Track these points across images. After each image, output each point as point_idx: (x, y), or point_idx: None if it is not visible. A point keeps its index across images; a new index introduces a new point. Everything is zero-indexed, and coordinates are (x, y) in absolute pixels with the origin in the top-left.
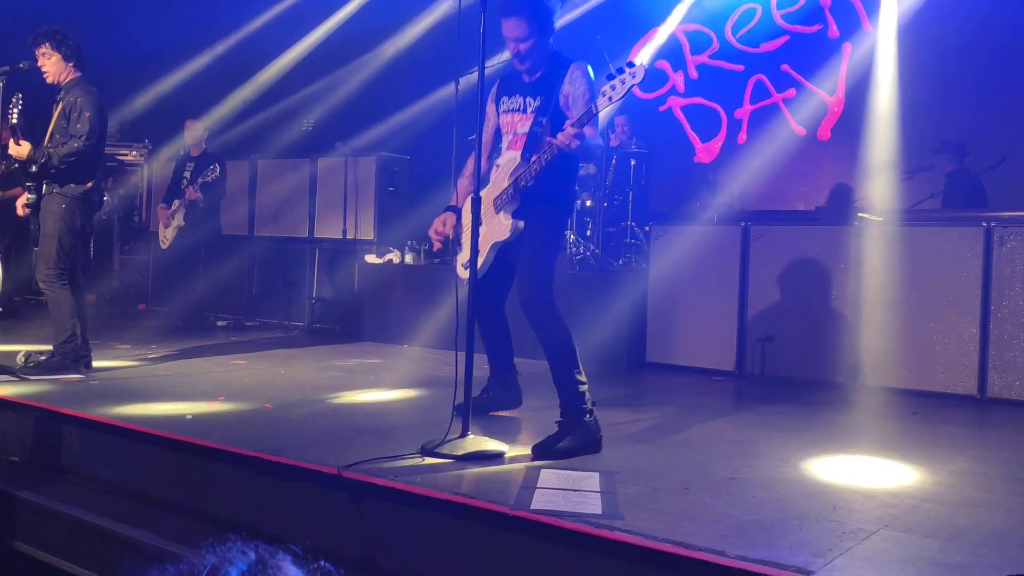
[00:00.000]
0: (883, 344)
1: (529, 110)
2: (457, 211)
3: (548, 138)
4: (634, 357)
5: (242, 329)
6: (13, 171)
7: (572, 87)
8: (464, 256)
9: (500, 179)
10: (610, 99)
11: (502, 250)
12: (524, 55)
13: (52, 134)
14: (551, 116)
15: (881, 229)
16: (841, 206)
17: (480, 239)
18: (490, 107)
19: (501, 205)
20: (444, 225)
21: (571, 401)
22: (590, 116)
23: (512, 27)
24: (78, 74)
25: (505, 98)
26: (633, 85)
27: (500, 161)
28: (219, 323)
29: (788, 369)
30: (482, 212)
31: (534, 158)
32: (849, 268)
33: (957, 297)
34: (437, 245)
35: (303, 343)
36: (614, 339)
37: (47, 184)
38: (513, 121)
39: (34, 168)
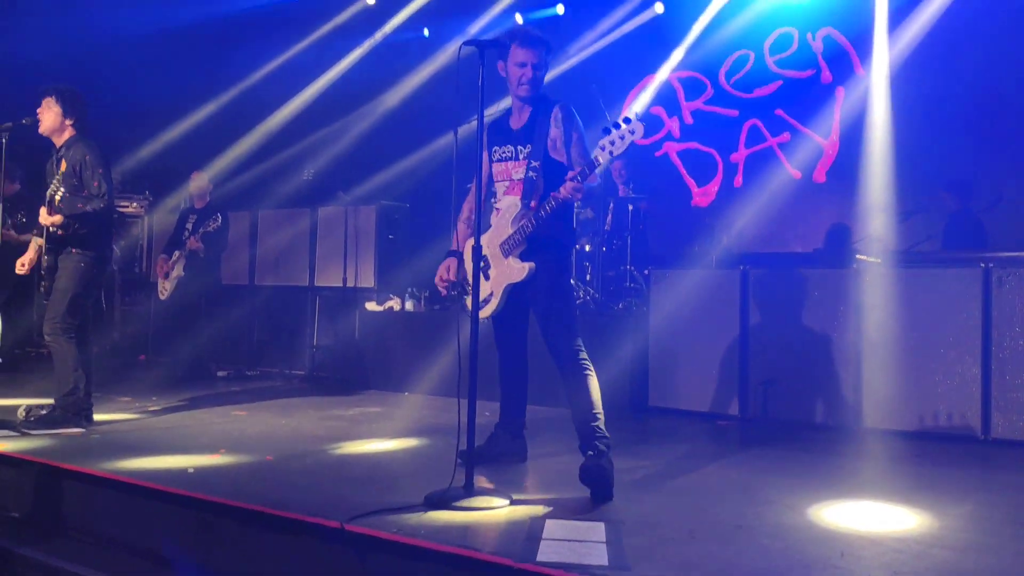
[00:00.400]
0: (885, 386)
1: (521, 156)
2: (459, 255)
3: (553, 193)
4: (636, 401)
5: (243, 379)
6: (20, 225)
7: (558, 129)
8: (483, 299)
9: (503, 225)
10: (611, 154)
11: (515, 290)
12: (531, 83)
13: (62, 192)
14: (542, 160)
15: (879, 271)
16: (839, 248)
17: (492, 282)
18: (484, 155)
19: (509, 250)
20: (448, 271)
21: (594, 441)
22: (592, 169)
23: (531, 55)
24: (75, 132)
25: (496, 147)
26: (633, 141)
27: (500, 206)
28: (220, 373)
29: (790, 412)
30: (489, 256)
31: (537, 206)
32: (849, 310)
33: (957, 338)
34: (443, 291)
35: (304, 392)
36: (616, 383)
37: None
38: (507, 169)
39: (60, 232)
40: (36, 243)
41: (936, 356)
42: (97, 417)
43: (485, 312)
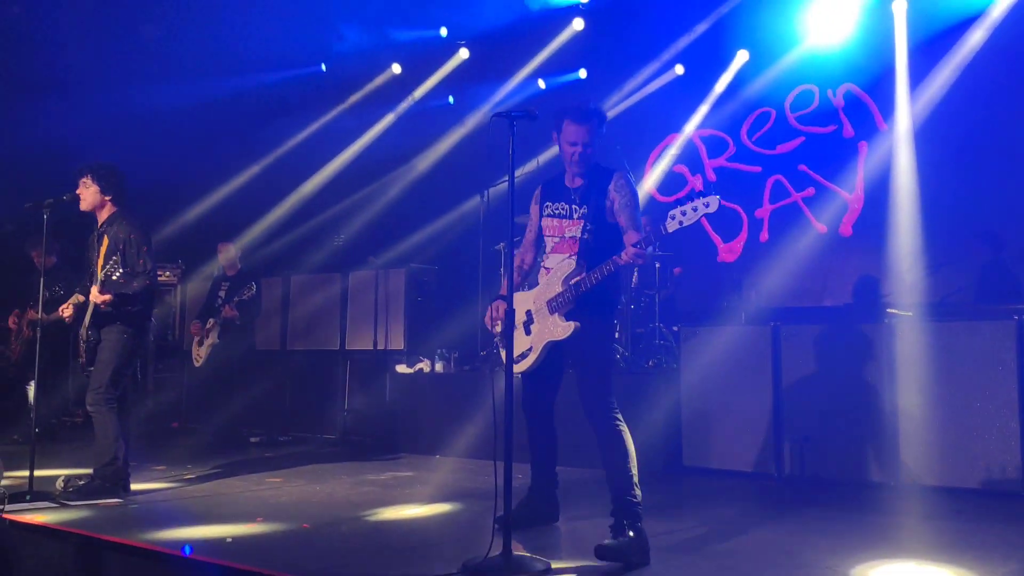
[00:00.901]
0: (921, 441)
1: (576, 216)
2: (507, 300)
3: (614, 257)
4: (670, 461)
5: (276, 444)
6: (57, 297)
7: (618, 195)
8: (517, 351)
9: (553, 282)
10: (680, 223)
11: (554, 348)
12: (581, 160)
13: (108, 270)
14: (597, 223)
15: (911, 324)
16: (869, 302)
17: (533, 337)
18: (534, 209)
19: (556, 307)
20: (497, 311)
21: (626, 506)
22: (658, 237)
23: (583, 133)
24: (116, 208)
25: (549, 203)
26: (705, 214)
27: (549, 264)
28: (252, 439)
29: (826, 470)
30: (534, 311)
31: (594, 268)
32: (882, 364)
33: (994, 391)
34: (494, 329)
35: (337, 457)
36: (649, 442)
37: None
38: (561, 225)
39: (109, 308)
40: (77, 299)
41: (973, 409)
42: (134, 486)
43: (521, 367)
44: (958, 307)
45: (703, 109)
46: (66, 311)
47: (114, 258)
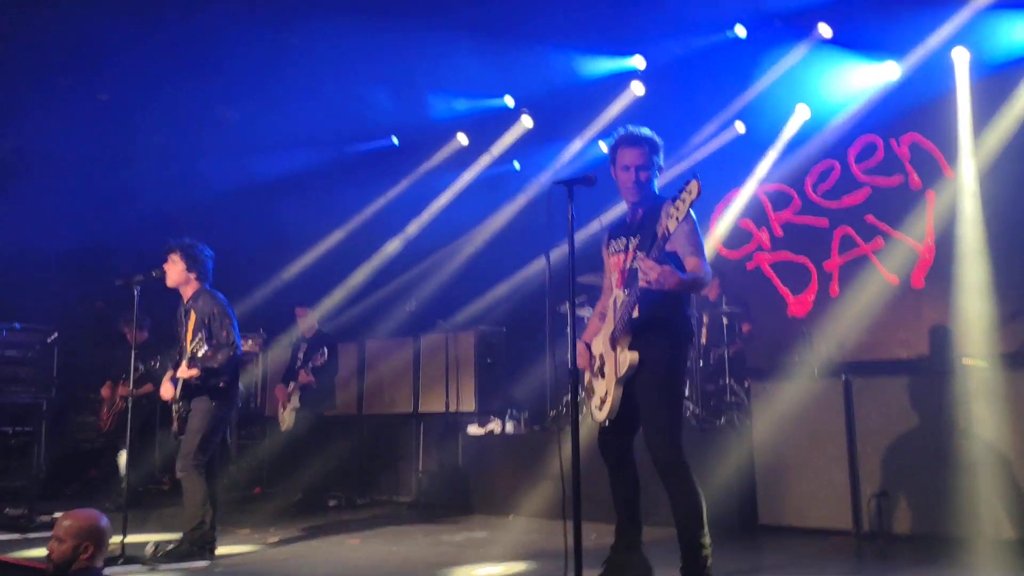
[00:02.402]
0: (1002, 493)
1: (630, 247)
2: (586, 345)
3: (642, 280)
4: (745, 519)
5: (353, 507)
6: (152, 371)
7: (670, 220)
8: (595, 400)
9: (612, 317)
10: (677, 219)
11: (626, 389)
12: (639, 184)
13: (193, 344)
14: (649, 251)
15: (987, 375)
16: (943, 352)
17: (607, 380)
18: (604, 252)
19: (615, 341)
20: (580, 354)
21: (694, 565)
22: (665, 240)
23: (636, 155)
24: (200, 284)
25: (613, 241)
26: (693, 200)
27: (613, 301)
28: (331, 502)
29: (906, 525)
30: (604, 354)
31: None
32: (957, 415)
33: None
34: (585, 366)
35: (412, 519)
36: (723, 501)
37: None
38: (619, 261)
39: (196, 382)
40: (171, 374)
41: None
42: (220, 551)
43: (602, 414)
44: None
45: (765, 164)
46: (166, 392)
47: (200, 334)
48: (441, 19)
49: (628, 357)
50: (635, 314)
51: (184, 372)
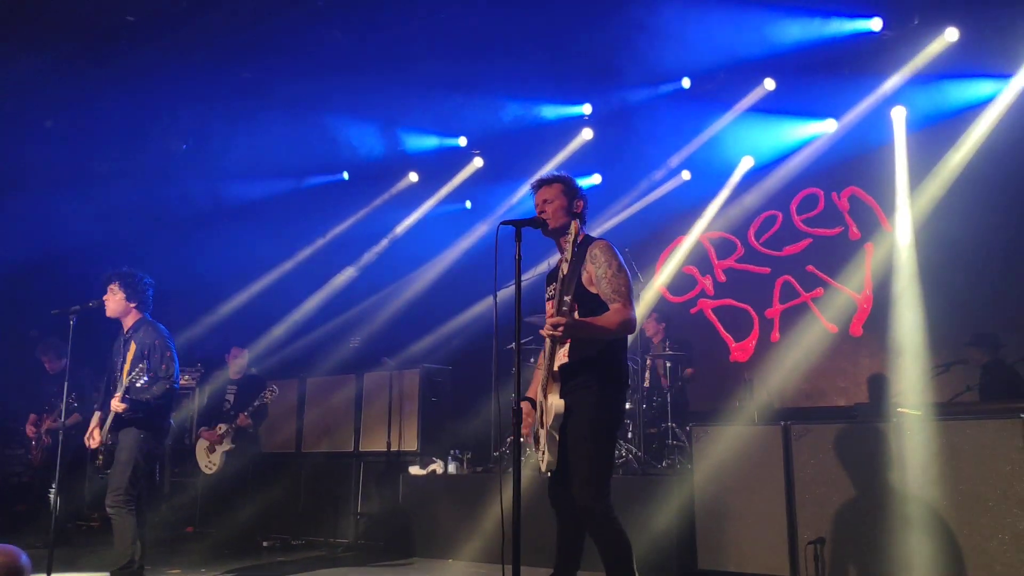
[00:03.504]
0: (936, 541)
1: (557, 294)
2: (532, 401)
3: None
4: (684, 564)
5: (289, 549)
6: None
7: (593, 264)
8: (540, 450)
9: (544, 366)
10: (566, 261)
11: (560, 438)
12: (553, 214)
13: (131, 375)
14: (574, 295)
15: (921, 424)
16: (880, 401)
17: (545, 430)
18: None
19: (545, 389)
20: (528, 415)
21: None
22: (570, 286)
23: (547, 191)
24: (141, 315)
25: (547, 288)
26: (572, 240)
27: (544, 350)
28: (264, 543)
29: (842, 571)
30: (541, 403)
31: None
32: (892, 464)
33: (1005, 490)
34: (527, 432)
35: (349, 561)
36: (662, 545)
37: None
38: (549, 308)
39: (126, 414)
40: (98, 417)
41: (985, 509)
42: None
43: (543, 465)
44: (966, 406)
45: (710, 212)
46: (92, 442)
47: (140, 365)
48: (402, 64)
49: (555, 405)
50: (564, 360)
51: (116, 406)
